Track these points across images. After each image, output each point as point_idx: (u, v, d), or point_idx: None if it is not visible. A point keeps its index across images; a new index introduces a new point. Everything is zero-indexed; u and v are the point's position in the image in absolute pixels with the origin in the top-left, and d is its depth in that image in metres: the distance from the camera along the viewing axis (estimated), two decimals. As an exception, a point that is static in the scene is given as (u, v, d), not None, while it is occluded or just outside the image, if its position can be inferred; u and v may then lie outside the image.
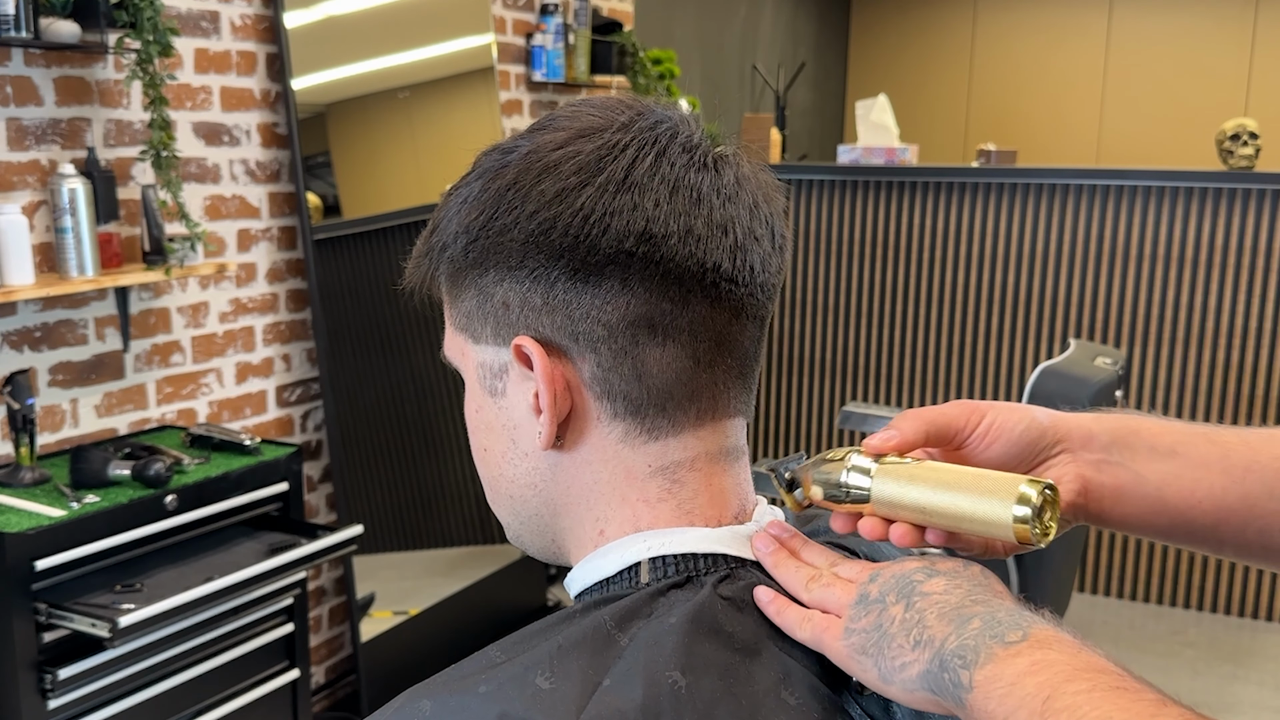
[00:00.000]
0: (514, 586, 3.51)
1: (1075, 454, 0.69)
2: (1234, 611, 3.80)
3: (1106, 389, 2.36)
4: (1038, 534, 0.61)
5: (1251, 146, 3.67)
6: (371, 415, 3.01)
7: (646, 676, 0.57)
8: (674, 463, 0.65)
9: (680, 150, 0.64)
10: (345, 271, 2.93)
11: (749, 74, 5.96)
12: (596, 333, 0.63)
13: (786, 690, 0.59)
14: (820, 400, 4.30)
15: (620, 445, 0.65)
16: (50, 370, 2.32)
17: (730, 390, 0.66)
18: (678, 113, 0.66)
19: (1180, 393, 3.77)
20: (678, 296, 0.62)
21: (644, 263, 0.61)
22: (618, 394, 0.64)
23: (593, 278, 0.62)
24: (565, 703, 0.56)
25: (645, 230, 0.61)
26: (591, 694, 0.57)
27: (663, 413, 0.64)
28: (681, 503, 0.66)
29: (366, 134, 3.04)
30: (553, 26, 3.56)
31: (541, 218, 0.62)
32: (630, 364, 0.63)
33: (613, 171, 0.62)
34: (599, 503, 0.66)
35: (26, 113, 2.22)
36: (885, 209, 4.09)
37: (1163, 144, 6.42)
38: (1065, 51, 6.76)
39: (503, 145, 0.66)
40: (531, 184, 0.62)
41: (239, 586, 2.13)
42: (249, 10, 2.66)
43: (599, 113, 0.65)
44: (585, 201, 0.61)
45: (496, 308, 0.65)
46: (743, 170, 0.66)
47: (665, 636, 0.59)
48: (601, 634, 0.60)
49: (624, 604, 0.62)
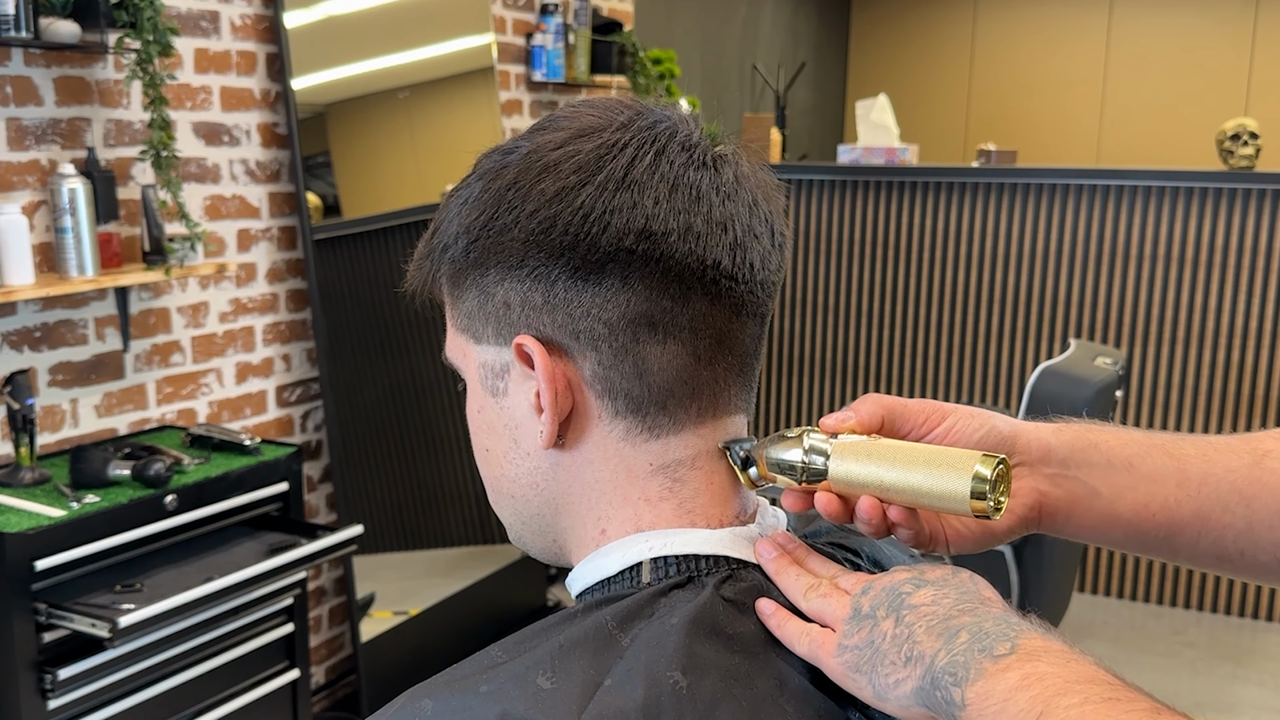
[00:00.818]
0: (514, 586, 3.51)
1: (1033, 467, 0.70)
2: (1234, 611, 3.81)
3: (1106, 389, 2.35)
4: (992, 508, 0.62)
5: (1251, 146, 3.67)
6: (371, 415, 3.01)
7: (648, 676, 0.57)
8: (675, 461, 0.65)
9: (679, 149, 0.64)
10: (345, 271, 2.93)
11: (749, 74, 5.96)
12: (597, 331, 0.63)
13: (784, 698, 0.60)
14: (820, 400, 4.30)
15: (621, 444, 0.65)
16: (50, 370, 2.32)
17: (731, 388, 0.66)
18: (677, 112, 0.66)
19: (1180, 393, 3.77)
20: (678, 294, 0.63)
21: (644, 260, 0.62)
22: (619, 392, 0.64)
23: (593, 276, 0.62)
24: (566, 702, 0.56)
25: (645, 228, 0.61)
26: (593, 694, 0.57)
27: (664, 410, 0.64)
28: (683, 501, 0.66)
29: (366, 134, 3.04)
30: (553, 26, 3.56)
31: (541, 216, 0.62)
32: (631, 362, 0.63)
33: (612, 170, 0.62)
34: (600, 502, 0.66)
35: (26, 113, 2.22)
36: (885, 209, 4.09)
37: (1163, 144, 6.42)
38: (1065, 51, 6.76)
39: (503, 146, 0.66)
40: (531, 183, 0.63)
41: (239, 586, 2.13)
42: (249, 10, 2.66)
43: (598, 113, 0.65)
44: (585, 200, 0.61)
45: (498, 307, 0.65)
46: (742, 169, 0.66)
47: (667, 637, 0.59)
48: (603, 634, 0.60)
49: (626, 604, 0.62)
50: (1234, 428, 3.71)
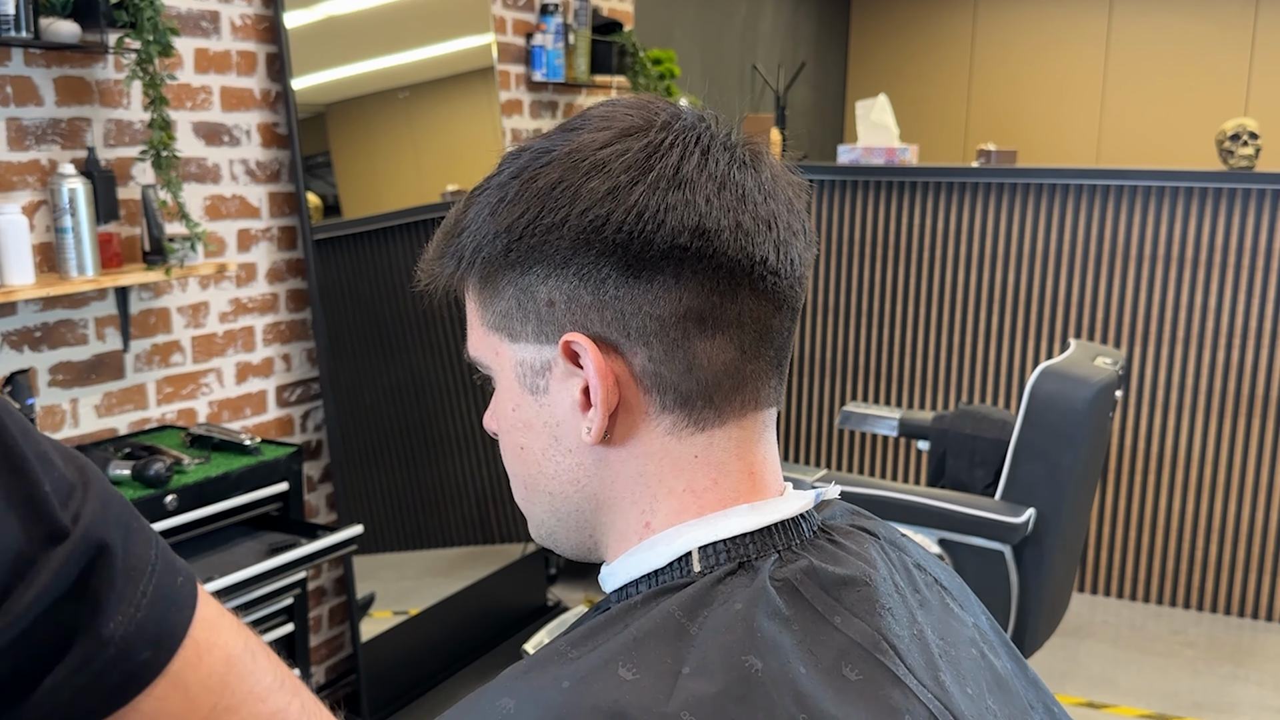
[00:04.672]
0: (514, 586, 3.51)
1: None
2: (1234, 611, 3.81)
3: (1106, 389, 2.36)
4: None
5: (1251, 146, 3.67)
6: (371, 415, 3.01)
7: (725, 662, 0.59)
8: (719, 452, 0.67)
9: (722, 148, 0.66)
10: (345, 271, 2.93)
11: (749, 74, 5.96)
12: (649, 327, 0.64)
13: (847, 667, 0.62)
14: (820, 400, 4.30)
15: (667, 437, 0.67)
16: (50, 370, 2.32)
17: (771, 380, 0.69)
18: (709, 113, 0.69)
19: (1180, 393, 3.77)
20: (727, 290, 0.64)
21: (697, 257, 0.63)
22: (668, 386, 0.65)
23: (645, 273, 0.63)
24: (652, 691, 0.57)
25: (699, 225, 0.63)
26: (674, 681, 0.58)
27: (710, 404, 0.66)
28: (725, 492, 0.67)
29: (366, 134, 3.04)
30: (553, 26, 3.56)
31: (593, 215, 0.63)
32: (682, 356, 0.65)
33: (663, 169, 0.64)
34: (644, 495, 0.68)
35: (26, 113, 2.22)
36: (885, 209, 4.09)
37: (1163, 144, 6.42)
38: (1065, 51, 6.76)
39: (533, 147, 0.67)
40: (580, 182, 0.64)
41: (239, 586, 2.14)
42: (249, 10, 2.66)
43: (636, 112, 0.67)
44: (638, 198, 0.63)
45: (540, 306, 0.66)
46: (776, 168, 0.68)
47: (735, 623, 0.61)
48: (672, 623, 0.61)
49: (688, 593, 0.63)
50: (1234, 428, 3.72)
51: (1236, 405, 3.71)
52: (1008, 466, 2.38)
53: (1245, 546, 3.75)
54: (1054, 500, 2.33)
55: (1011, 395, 3.99)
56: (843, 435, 4.27)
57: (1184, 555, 3.84)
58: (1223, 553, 3.78)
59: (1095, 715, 3.14)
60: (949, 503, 2.39)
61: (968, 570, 2.38)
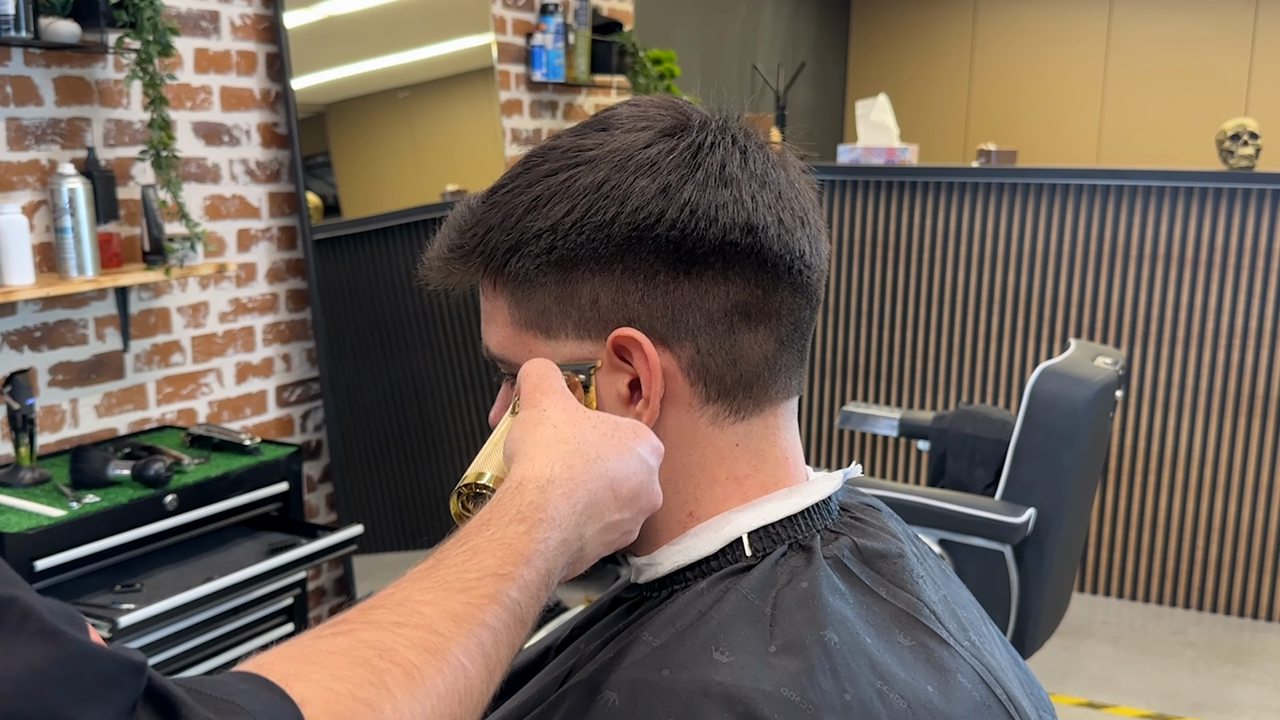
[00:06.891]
0: (514, 586, 3.51)
1: None
2: (1234, 611, 3.80)
3: (1106, 389, 2.35)
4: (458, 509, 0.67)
5: (1251, 146, 3.67)
6: (371, 415, 3.01)
7: (806, 638, 0.61)
8: (757, 440, 0.69)
9: (756, 148, 0.68)
10: (345, 271, 2.93)
11: (749, 74, 5.96)
12: (698, 321, 0.66)
13: (900, 634, 0.65)
14: (820, 400, 4.30)
15: (710, 428, 0.68)
16: (50, 370, 2.32)
17: (799, 370, 0.71)
18: (735, 112, 0.71)
19: (1180, 393, 3.77)
20: (769, 283, 0.67)
21: (745, 253, 0.65)
22: (713, 378, 0.67)
23: (695, 269, 0.65)
24: (751, 671, 0.60)
25: (748, 222, 0.65)
26: (765, 659, 0.60)
27: (750, 394, 0.68)
28: (765, 478, 0.70)
29: (366, 134, 3.04)
30: (553, 26, 3.55)
31: (645, 213, 0.64)
32: (728, 349, 0.67)
33: (709, 167, 0.65)
34: (687, 485, 0.69)
35: (26, 113, 2.22)
36: (885, 209, 4.09)
37: (1163, 144, 6.41)
38: (1065, 51, 6.75)
39: (560, 146, 0.67)
40: (629, 181, 0.65)
41: (239, 586, 2.14)
42: (249, 10, 2.66)
43: (669, 113, 0.68)
44: (691, 196, 0.64)
45: (583, 303, 0.66)
46: (797, 168, 0.71)
47: (807, 600, 0.63)
48: (747, 605, 0.64)
49: (754, 576, 0.65)
50: (1234, 428, 3.72)
51: (1236, 405, 3.71)
52: (1008, 466, 2.38)
53: (1245, 546, 3.75)
54: (1054, 500, 2.33)
55: (1011, 395, 3.99)
56: (843, 435, 4.27)
57: (1184, 555, 3.84)
58: (1223, 553, 3.78)
59: (1095, 715, 3.14)
60: (949, 503, 2.39)
61: (968, 570, 2.38)
